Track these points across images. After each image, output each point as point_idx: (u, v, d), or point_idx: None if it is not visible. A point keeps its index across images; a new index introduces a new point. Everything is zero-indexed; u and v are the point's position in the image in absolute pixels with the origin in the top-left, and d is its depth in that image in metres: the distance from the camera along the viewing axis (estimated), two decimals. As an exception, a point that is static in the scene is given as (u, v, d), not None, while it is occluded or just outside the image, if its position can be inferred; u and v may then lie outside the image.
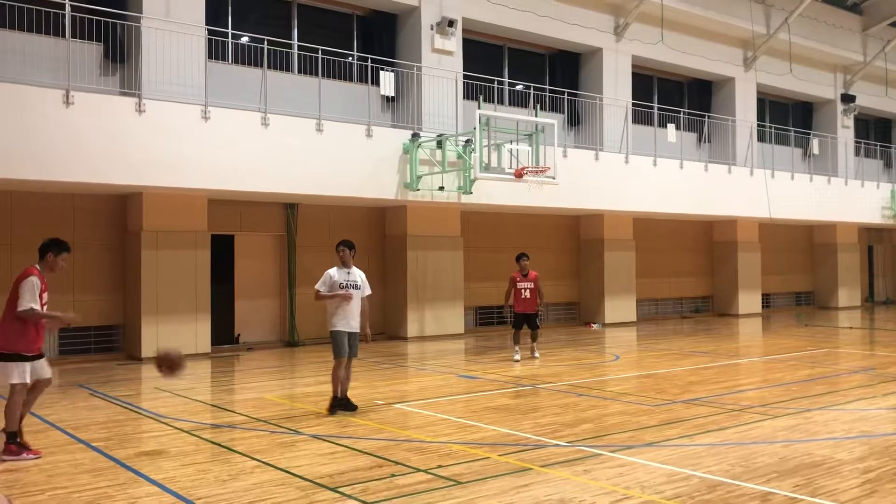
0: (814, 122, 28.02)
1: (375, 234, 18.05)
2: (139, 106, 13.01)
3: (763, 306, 25.43)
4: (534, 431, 7.89)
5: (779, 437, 7.58)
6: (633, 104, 21.16)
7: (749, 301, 24.55)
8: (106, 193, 14.51)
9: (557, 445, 7.30)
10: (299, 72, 16.46)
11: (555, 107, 19.92)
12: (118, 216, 14.90)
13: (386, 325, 17.91)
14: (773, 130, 24.77)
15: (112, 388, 11.12)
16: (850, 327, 20.66)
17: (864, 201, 26.01)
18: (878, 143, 29.12)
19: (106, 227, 14.83)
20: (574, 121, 20.78)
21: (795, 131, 25.87)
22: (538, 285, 13.67)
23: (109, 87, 14.02)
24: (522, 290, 13.61)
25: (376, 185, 15.69)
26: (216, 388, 11.69)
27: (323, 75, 15.68)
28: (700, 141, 23.49)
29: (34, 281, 6.99)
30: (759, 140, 24.10)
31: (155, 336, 14.06)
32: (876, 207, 26.42)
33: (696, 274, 24.68)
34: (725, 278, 24.65)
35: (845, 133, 27.68)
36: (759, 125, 24.54)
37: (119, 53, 14.22)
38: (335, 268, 9.13)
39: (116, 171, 12.82)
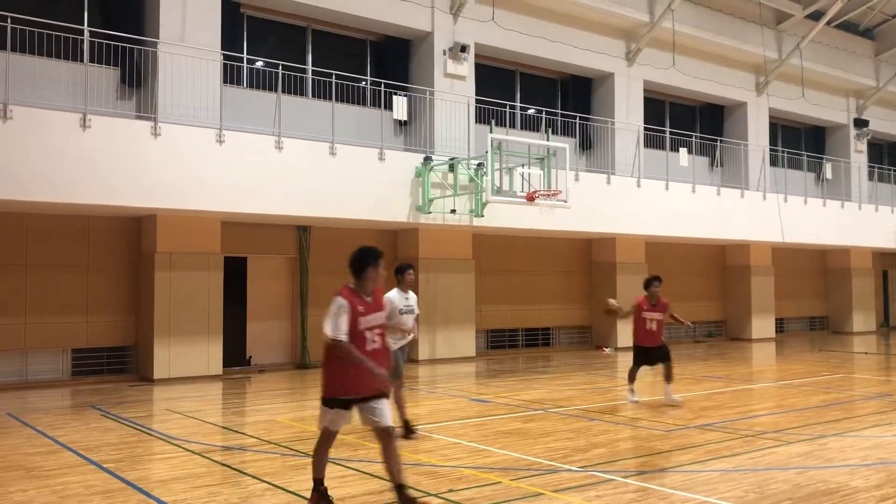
0: (826, 147, 27.97)
1: (387, 256, 17.85)
2: (155, 129, 13.14)
3: (777, 331, 25.25)
4: (546, 456, 7.84)
5: (793, 463, 7.50)
6: (645, 128, 21.20)
7: (762, 326, 24.39)
8: (120, 215, 14.63)
9: (569, 470, 7.25)
10: (313, 96, 16.62)
11: (567, 131, 19.98)
12: (132, 238, 15.00)
13: (397, 348, 17.88)
14: (785, 155, 24.72)
15: (124, 409, 11.14)
16: (865, 352, 20.46)
17: (878, 226, 25.86)
18: (892, 168, 28.99)
19: (120, 248, 14.93)
20: (586, 145, 20.83)
21: (808, 156, 25.81)
22: (669, 313, 11.35)
23: (126, 110, 14.20)
24: (648, 321, 11.17)
25: (388, 208, 15.75)
26: (227, 411, 11.69)
27: (337, 100, 15.81)
28: (712, 165, 23.48)
29: (339, 302, 5.75)
30: (771, 164, 24.04)
31: (167, 357, 14.12)
32: (890, 232, 26.23)
33: (708, 298, 24.54)
34: (738, 302, 24.51)
35: (858, 157, 27.60)
36: (771, 149, 24.52)
37: (136, 77, 14.39)
38: (395, 291, 8.80)
39: (131, 194, 12.93)
